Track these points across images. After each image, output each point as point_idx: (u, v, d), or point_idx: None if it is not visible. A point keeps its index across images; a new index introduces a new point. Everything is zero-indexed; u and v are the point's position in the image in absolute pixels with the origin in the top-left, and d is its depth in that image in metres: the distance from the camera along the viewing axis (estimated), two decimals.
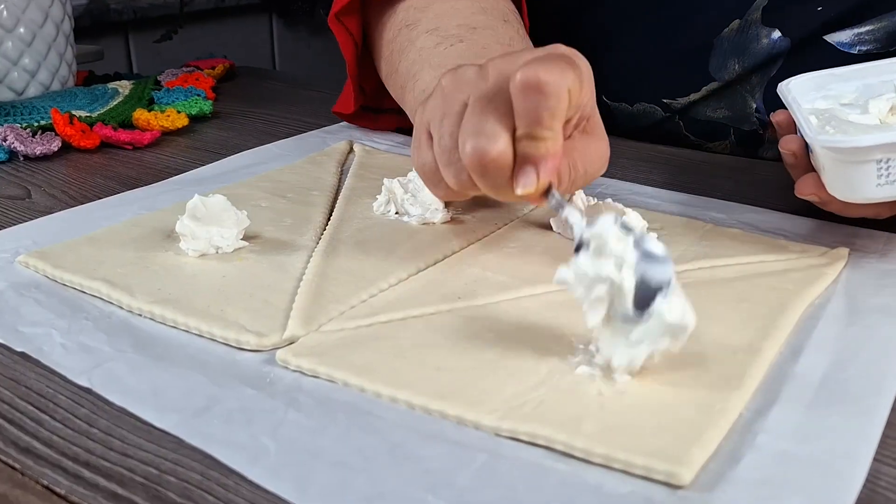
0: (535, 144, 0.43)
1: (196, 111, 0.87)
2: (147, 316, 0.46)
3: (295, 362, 0.41)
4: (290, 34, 1.85)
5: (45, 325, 0.45)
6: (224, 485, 0.34)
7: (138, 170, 0.73)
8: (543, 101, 0.41)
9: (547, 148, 0.43)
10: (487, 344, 0.42)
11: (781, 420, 0.37)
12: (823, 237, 0.56)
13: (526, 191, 0.43)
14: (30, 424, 0.38)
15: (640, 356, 0.38)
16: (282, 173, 0.68)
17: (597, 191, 0.63)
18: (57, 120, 0.77)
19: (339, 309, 0.46)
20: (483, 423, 0.37)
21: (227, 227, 0.52)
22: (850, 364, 0.41)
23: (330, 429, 0.37)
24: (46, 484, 0.34)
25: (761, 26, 0.73)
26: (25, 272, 0.52)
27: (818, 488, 0.32)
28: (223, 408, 0.38)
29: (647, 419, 0.36)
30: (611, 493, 0.33)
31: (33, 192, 0.67)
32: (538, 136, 0.42)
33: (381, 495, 0.33)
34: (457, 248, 0.54)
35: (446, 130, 0.46)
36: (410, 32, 0.67)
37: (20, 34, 0.89)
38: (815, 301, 0.47)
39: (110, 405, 0.39)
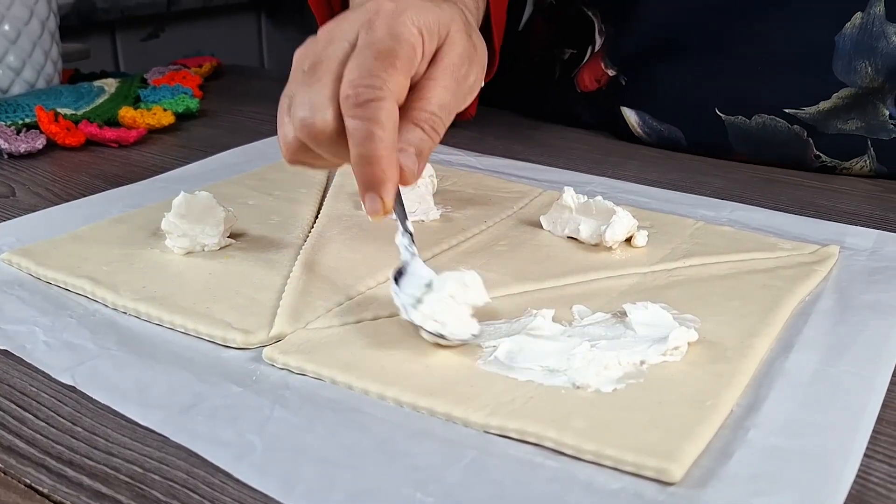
0: (370, 170, 0.42)
1: (183, 109, 0.86)
2: (132, 314, 0.46)
3: (282, 360, 0.41)
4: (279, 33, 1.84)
5: (28, 323, 0.45)
6: (209, 483, 0.33)
7: (124, 168, 0.72)
8: (370, 140, 0.42)
9: (384, 173, 0.42)
10: None
11: (772, 416, 0.37)
12: (814, 235, 0.56)
13: (378, 217, 0.43)
14: (12, 423, 0.38)
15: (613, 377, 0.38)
16: (269, 171, 0.68)
17: (587, 189, 0.63)
18: (42, 118, 0.77)
19: (327, 306, 0.46)
20: (472, 420, 0.36)
21: (213, 225, 0.52)
22: (840, 360, 0.41)
23: (317, 426, 0.36)
24: (29, 483, 0.34)
25: (887, 23, 0.65)
26: (9, 270, 0.51)
27: (809, 484, 0.32)
28: (209, 405, 0.38)
29: (637, 415, 0.36)
30: (601, 489, 0.32)
31: (18, 190, 0.67)
32: (370, 162, 0.42)
33: (369, 492, 0.32)
34: (446, 245, 0.54)
35: (284, 94, 0.47)
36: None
37: (5, 31, 0.88)
38: (806, 298, 0.47)
39: (94, 403, 0.39)
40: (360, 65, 0.43)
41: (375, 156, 0.42)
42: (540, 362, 0.40)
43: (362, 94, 0.42)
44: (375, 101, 0.42)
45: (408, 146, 0.44)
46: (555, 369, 0.39)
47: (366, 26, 0.45)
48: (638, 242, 0.53)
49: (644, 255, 0.52)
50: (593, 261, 0.51)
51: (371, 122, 0.42)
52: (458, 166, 0.70)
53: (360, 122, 0.42)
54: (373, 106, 0.42)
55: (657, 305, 0.43)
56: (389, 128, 0.42)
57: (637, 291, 0.47)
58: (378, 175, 0.42)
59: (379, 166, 0.42)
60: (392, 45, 0.44)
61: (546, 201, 0.60)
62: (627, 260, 0.51)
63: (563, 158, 0.74)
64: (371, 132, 0.42)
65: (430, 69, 0.47)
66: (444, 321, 0.41)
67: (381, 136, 0.42)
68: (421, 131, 0.45)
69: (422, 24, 0.45)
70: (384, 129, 0.42)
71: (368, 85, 0.42)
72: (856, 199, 0.65)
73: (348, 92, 0.43)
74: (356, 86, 0.42)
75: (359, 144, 0.42)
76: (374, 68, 0.43)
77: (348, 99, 0.42)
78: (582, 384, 0.38)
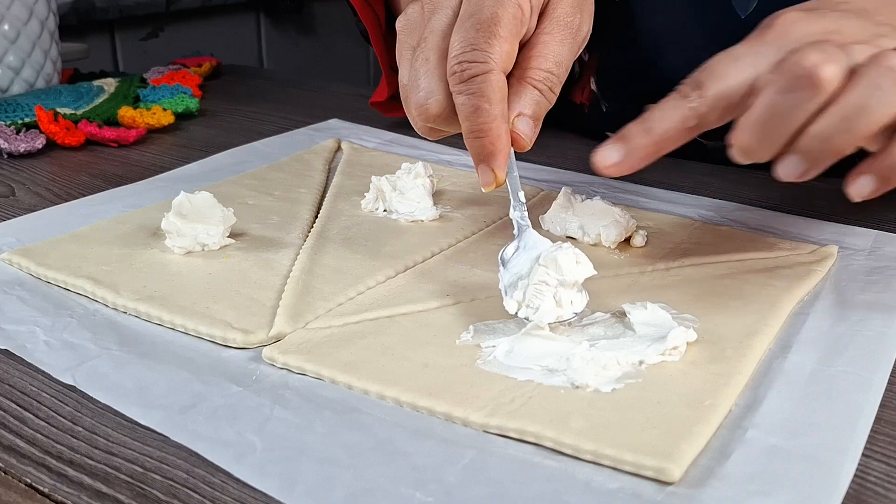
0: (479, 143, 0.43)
1: (182, 109, 0.86)
2: (132, 313, 0.46)
3: (282, 360, 0.41)
4: (278, 32, 1.84)
5: (28, 323, 0.45)
6: (210, 482, 0.33)
7: (124, 167, 0.72)
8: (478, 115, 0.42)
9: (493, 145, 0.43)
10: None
11: (771, 415, 0.37)
12: (813, 234, 0.56)
13: (490, 188, 0.44)
14: (13, 422, 0.38)
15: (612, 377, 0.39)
16: (269, 171, 0.68)
17: (585, 189, 0.63)
18: (41, 117, 0.77)
19: (327, 306, 0.46)
20: (471, 420, 0.36)
21: (213, 225, 0.52)
22: (838, 360, 0.41)
23: (317, 425, 0.36)
24: (30, 482, 0.34)
25: None
26: (9, 269, 0.51)
27: (808, 483, 0.32)
28: (209, 405, 0.38)
29: (636, 415, 0.36)
30: (599, 489, 0.33)
31: (17, 190, 0.67)
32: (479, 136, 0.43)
33: (368, 491, 0.32)
34: (445, 245, 0.54)
35: (401, 81, 0.47)
36: None
37: (4, 31, 0.88)
38: (805, 298, 0.47)
39: (94, 403, 0.39)
40: (463, 38, 0.43)
41: (483, 129, 0.42)
42: (539, 362, 0.40)
43: (468, 70, 0.42)
44: (480, 75, 0.42)
45: (525, 110, 0.44)
46: (554, 369, 0.39)
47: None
48: (637, 242, 0.53)
49: (643, 255, 0.52)
50: (592, 261, 0.51)
51: (477, 97, 0.42)
52: (458, 166, 0.70)
53: (467, 98, 0.42)
54: (478, 80, 0.42)
55: (656, 305, 0.43)
56: (497, 100, 0.43)
57: (636, 291, 0.47)
58: (488, 148, 0.43)
59: (488, 138, 0.43)
60: (494, 11, 0.43)
61: (545, 201, 0.60)
62: (626, 260, 0.52)
63: (562, 158, 0.74)
64: (478, 106, 0.42)
65: (541, 23, 0.46)
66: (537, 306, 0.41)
67: (487, 109, 0.42)
68: (537, 93, 0.45)
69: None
70: (491, 102, 0.42)
71: (472, 60, 0.42)
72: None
73: (454, 68, 0.43)
74: (460, 60, 0.43)
75: (467, 119, 0.43)
76: (476, 40, 0.43)
77: (454, 76, 0.43)
78: (581, 384, 0.38)
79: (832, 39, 0.42)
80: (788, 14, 0.45)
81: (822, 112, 0.39)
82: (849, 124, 0.38)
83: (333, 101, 0.96)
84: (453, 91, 0.43)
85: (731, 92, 0.42)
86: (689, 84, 0.43)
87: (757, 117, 0.40)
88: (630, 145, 0.42)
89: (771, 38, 0.44)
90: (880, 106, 0.38)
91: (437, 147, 0.73)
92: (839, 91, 0.39)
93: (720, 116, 0.43)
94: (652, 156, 0.43)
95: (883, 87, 0.38)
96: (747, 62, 0.42)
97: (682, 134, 0.43)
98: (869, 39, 0.43)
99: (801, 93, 0.39)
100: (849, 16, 0.45)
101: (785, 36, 0.43)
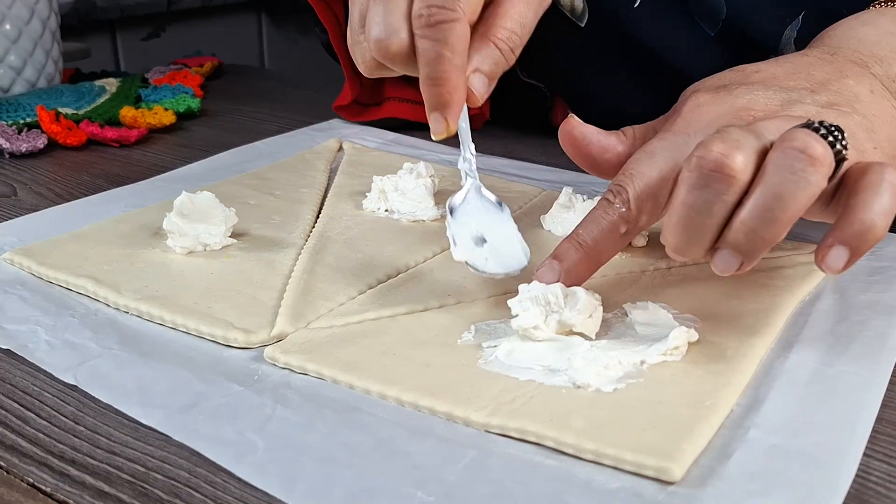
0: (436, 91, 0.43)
1: (184, 109, 0.86)
2: (134, 313, 0.46)
3: (283, 359, 0.41)
4: (279, 32, 1.84)
5: (30, 323, 0.45)
6: (211, 482, 0.33)
7: (125, 167, 0.72)
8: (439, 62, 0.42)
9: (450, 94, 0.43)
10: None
11: (772, 415, 0.37)
12: (814, 234, 0.56)
13: (441, 136, 0.44)
14: (15, 422, 0.38)
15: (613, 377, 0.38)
16: (270, 171, 0.68)
17: (588, 188, 0.63)
18: (43, 117, 0.77)
19: (328, 306, 0.46)
20: (472, 420, 0.36)
21: (214, 225, 0.52)
22: (840, 360, 0.41)
23: (318, 425, 0.37)
24: (32, 482, 0.34)
25: None
26: (10, 269, 0.51)
27: (809, 483, 0.32)
28: (210, 404, 0.38)
29: (637, 415, 0.36)
30: (600, 488, 0.33)
31: (19, 190, 0.67)
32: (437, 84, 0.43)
33: (369, 491, 0.32)
34: (446, 245, 0.54)
35: (356, 9, 0.47)
36: None
37: (6, 31, 0.89)
38: (806, 298, 0.47)
39: (96, 402, 0.39)
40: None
41: (443, 77, 0.42)
42: (540, 362, 0.40)
43: (434, 15, 0.42)
44: (447, 23, 0.42)
45: (482, 66, 0.44)
46: (555, 369, 0.39)
47: None
48: (638, 242, 0.53)
49: (644, 255, 0.52)
50: None
51: (440, 44, 0.42)
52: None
53: (430, 43, 0.42)
54: (444, 28, 0.42)
55: (657, 305, 0.43)
56: (459, 50, 0.42)
57: (637, 291, 0.47)
58: (444, 96, 0.43)
59: (446, 87, 0.42)
60: None
61: (546, 201, 0.60)
62: (627, 260, 0.52)
63: (564, 158, 0.73)
64: (440, 54, 0.42)
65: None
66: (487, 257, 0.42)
67: (449, 57, 0.42)
68: (497, 52, 0.45)
69: None
70: (453, 51, 0.42)
71: (440, 5, 0.42)
72: None
73: (420, 11, 0.42)
74: (429, 4, 0.42)
75: (427, 65, 0.42)
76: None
77: (420, 18, 0.42)
78: (582, 384, 0.38)
79: (742, 116, 0.42)
80: (696, 97, 0.45)
81: (742, 202, 0.37)
82: (771, 214, 0.36)
83: (334, 100, 0.96)
84: (417, 34, 0.43)
85: (653, 190, 0.42)
86: (611, 190, 0.43)
87: (678, 217, 0.38)
88: (565, 264, 0.43)
89: (680, 128, 0.43)
90: (797, 191, 0.36)
91: (439, 147, 0.73)
92: (754, 177, 0.37)
93: (650, 216, 0.42)
94: (590, 269, 0.43)
95: (796, 171, 0.36)
96: (663, 157, 0.42)
97: (615, 242, 0.43)
98: (780, 108, 0.43)
99: (713, 186, 0.37)
100: (757, 87, 0.44)
101: (692, 123, 0.43)
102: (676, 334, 0.40)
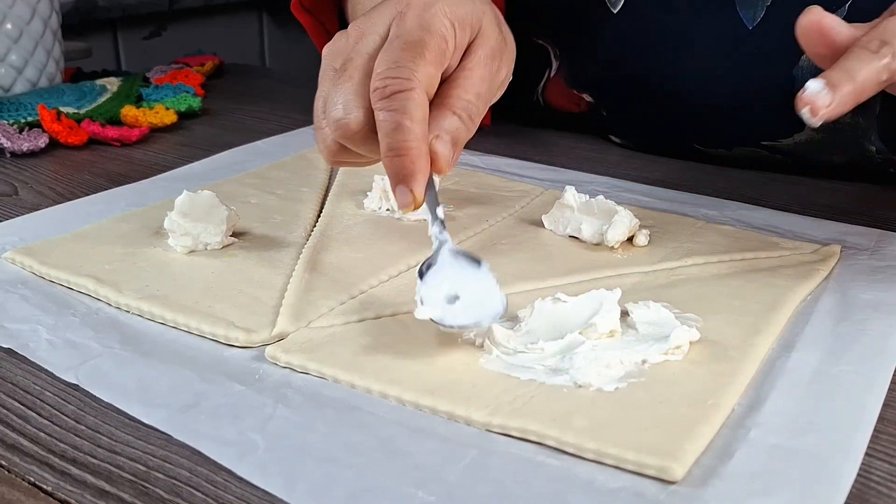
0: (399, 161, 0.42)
1: (185, 108, 0.86)
2: (135, 312, 0.46)
3: (284, 358, 0.41)
4: (280, 31, 1.84)
5: (31, 322, 0.45)
6: (212, 481, 0.33)
7: (126, 166, 0.72)
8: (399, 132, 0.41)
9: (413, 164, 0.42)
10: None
11: (774, 415, 0.37)
12: (815, 234, 0.56)
13: (408, 210, 0.43)
14: (16, 421, 0.38)
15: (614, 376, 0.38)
16: (271, 170, 0.68)
17: (588, 188, 0.63)
18: (44, 116, 0.77)
19: (329, 305, 0.46)
20: (473, 419, 0.36)
21: (215, 224, 0.52)
22: (841, 359, 0.41)
23: (319, 424, 0.36)
24: (33, 481, 0.34)
25: None
26: (12, 268, 0.51)
27: (810, 482, 0.32)
28: (211, 404, 0.38)
29: (638, 414, 0.36)
30: (602, 488, 0.33)
31: (20, 189, 0.67)
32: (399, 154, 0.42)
33: (370, 490, 0.32)
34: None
35: (319, 97, 0.47)
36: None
37: (7, 30, 0.89)
38: (807, 297, 0.47)
39: (97, 401, 0.39)
40: (389, 57, 0.43)
41: (404, 147, 0.41)
42: (542, 361, 0.40)
43: (390, 86, 0.42)
44: (404, 92, 0.42)
45: (443, 133, 0.44)
46: (556, 368, 0.39)
47: (397, 19, 0.45)
48: (639, 242, 0.53)
49: (646, 255, 0.52)
50: (595, 260, 0.51)
51: (399, 113, 0.41)
52: (460, 165, 0.70)
53: (389, 114, 0.41)
54: (401, 97, 0.42)
55: (659, 304, 0.43)
56: (418, 118, 0.42)
57: (639, 290, 0.47)
58: (408, 167, 0.42)
59: (408, 157, 0.42)
60: (422, 36, 0.43)
61: (548, 200, 0.60)
62: (629, 259, 0.52)
63: (565, 158, 0.74)
64: (399, 123, 0.41)
65: (463, 60, 0.46)
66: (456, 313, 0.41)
67: (409, 126, 0.41)
68: (457, 119, 0.44)
69: (454, 16, 0.45)
70: (413, 120, 0.42)
71: (396, 76, 0.42)
72: (858, 199, 0.65)
73: (377, 84, 0.42)
74: (384, 77, 0.42)
75: (387, 136, 0.42)
76: (401, 59, 0.42)
77: (376, 91, 0.42)
78: (584, 383, 0.38)
79: None
80: None
81: None
82: None
83: None
84: (375, 108, 0.42)
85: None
86: (875, 41, 0.43)
87: None
88: (838, 92, 0.42)
89: None
90: None
91: None
92: None
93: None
94: (852, 104, 0.43)
95: None
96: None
97: (875, 87, 0.43)
98: None
99: None
100: None
101: None
102: (678, 334, 0.40)
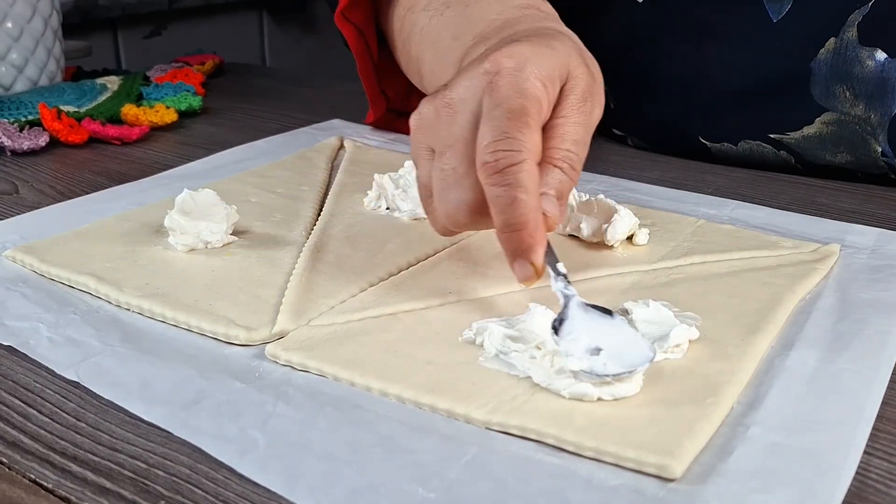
0: (517, 237, 0.41)
1: (185, 107, 0.86)
2: (135, 310, 0.46)
3: (284, 356, 0.41)
4: (280, 31, 1.84)
5: (32, 320, 0.45)
6: (213, 478, 0.34)
7: (127, 165, 0.72)
8: (515, 207, 0.40)
9: (532, 237, 0.41)
10: None
11: (773, 413, 0.37)
12: (815, 233, 0.56)
13: (530, 283, 0.42)
14: (17, 419, 0.38)
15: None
16: (271, 169, 0.68)
17: (588, 187, 0.63)
18: (45, 115, 0.77)
19: (329, 303, 0.46)
20: (473, 417, 0.36)
21: (216, 222, 0.52)
22: (840, 358, 0.41)
23: (319, 422, 0.37)
24: (34, 478, 0.34)
25: (860, 47, 0.63)
26: (13, 266, 0.51)
27: (809, 480, 0.32)
28: (212, 401, 0.38)
29: (638, 412, 0.36)
30: (601, 485, 0.33)
31: (21, 188, 0.67)
32: (517, 228, 0.41)
33: (371, 487, 0.33)
34: (447, 243, 0.54)
35: (420, 180, 0.46)
36: (412, 15, 0.63)
37: (7, 29, 0.89)
38: (807, 296, 0.47)
39: (98, 399, 0.39)
40: (495, 127, 0.41)
41: (521, 222, 0.40)
42: (541, 360, 0.40)
43: (502, 160, 0.40)
44: (516, 165, 0.40)
45: (548, 189, 0.42)
46: (556, 367, 0.39)
47: (489, 89, 0.43)
48: (639, 240, 0.53)
49: (645, 254, 0.52)
50: (595, 259, 0.52)
51: (513, 188, 0.40)
52: None
53: (503, 189, 0.40)
54: (513, 170, 0.40)
55: (658, 303, 0.43)
56: (532, 190, 0.40)
57: (638, 289, 0.47)
58: (526, 241, 0.40)
59: (526, 231, 0.40)
60: (522, 103, 0.41)
61: None
62: (629, 258, 0.52)
63: None
64: (515, 197, 0.40)
65: (555, 109, 0.45)
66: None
67: (524, 199, 0.40)
68: (559, 171, 0.43)
69: (544, 76, 0.43)
70: (527, 192, 0.40)
71: (506, 149, 0.40)
72: (857, 198, 0.65)
73: (486, 158, 0.40)
74: (493, 150, 0.40)
75: (503, 212, 0.40)
76: (508, 129, 0.41)
77: (487, 166, 0.40)
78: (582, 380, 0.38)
79: None
80: None
81: None
82: None
83: (336, 99, 0.96)
84: (486, 183, 0.41)
85: None
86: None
87: None
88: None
89: None
90: None
91: None
92: None
93: None
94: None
95: None
96: None
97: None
98: None
99: None
100: None
101: None
102: (677, 332, 0.40)
